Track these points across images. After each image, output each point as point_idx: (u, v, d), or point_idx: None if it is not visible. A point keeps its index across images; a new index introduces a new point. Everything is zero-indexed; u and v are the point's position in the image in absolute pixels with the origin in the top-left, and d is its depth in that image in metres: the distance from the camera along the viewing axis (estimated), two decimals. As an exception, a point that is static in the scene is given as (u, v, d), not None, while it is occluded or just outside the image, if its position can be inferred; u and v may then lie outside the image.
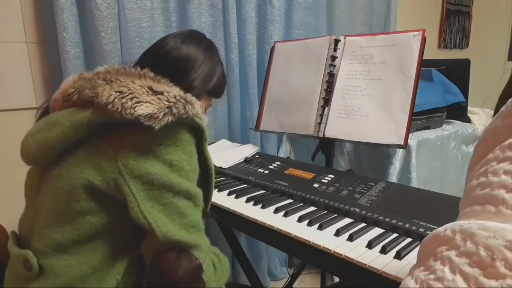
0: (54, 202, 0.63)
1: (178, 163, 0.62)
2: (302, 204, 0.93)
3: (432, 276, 0.27)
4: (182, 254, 0.61)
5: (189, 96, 0.65)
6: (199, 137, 0.67)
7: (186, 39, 0.79)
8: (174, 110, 0.60)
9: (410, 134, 1.21)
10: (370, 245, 0.70)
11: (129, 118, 0.57)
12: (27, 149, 0.67)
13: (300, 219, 0.83)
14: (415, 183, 1.25)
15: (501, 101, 0.38)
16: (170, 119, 0.59)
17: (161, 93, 0.61)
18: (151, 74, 0.67)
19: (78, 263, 0.63)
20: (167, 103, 0.60)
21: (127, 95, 0.59)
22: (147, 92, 0.61)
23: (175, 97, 0.62)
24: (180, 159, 0.63)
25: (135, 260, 0.66)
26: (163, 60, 0.77)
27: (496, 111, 0.37)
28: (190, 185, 0.64)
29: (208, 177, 0.72)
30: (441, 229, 0.30)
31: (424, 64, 1.05)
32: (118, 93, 0.59)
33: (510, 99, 0.32)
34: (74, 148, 0.63)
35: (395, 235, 0.75)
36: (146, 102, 0.59)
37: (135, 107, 0.58)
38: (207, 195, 0.73)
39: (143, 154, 0.61)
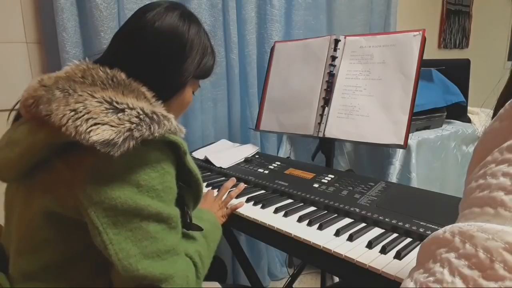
0: (19, 228, 0.61)
1: (146, 183, 0.55)
2: (302, 204, 0.93)
3: (431, 278, 0.27)
4: None
5: (157, 112, 0.56)
6: (176, 152, 0.59)
7: (162, 16, 0.67)
8: (136, 134, 0.52)
9: (410, 134, 1.22)
10: (370, 245, 0.70)
11: (84, 143, 0.50)
12: None
13: (300, 219, 0.83)
14: (415, 183, 1.25)
15: (500, 103, 0.38)
16: (131, 144, 0.51)
17: (123, 111, 0.54)
18: (121, 77, 0.60)
19: None
20: (128, 124, 0.52)
21: (82, 116, 0.51)
22: (106, 110, 0.53)
23: (138, 115, 0.54)
24: (148, 178, 0.55)
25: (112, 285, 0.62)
26: (136, 46, 0.66)
27: (495, 113, 0.37)
28: (162, 206, 0.57)
29: (197, 187, 0.67)
30: (440, 231, 0.30)
31: (424, 64, 1.05)
32: (72, 113, 0.52)
33: (509, 102, 0.32)
34: (36, 168, 0.58)
35: (395, 235, 0.75)
36: (104, 124, 0.51)
37: (90, 131, 0.50)
38: (196, 206, 0.70)
39: (104, 177, 0.54)
